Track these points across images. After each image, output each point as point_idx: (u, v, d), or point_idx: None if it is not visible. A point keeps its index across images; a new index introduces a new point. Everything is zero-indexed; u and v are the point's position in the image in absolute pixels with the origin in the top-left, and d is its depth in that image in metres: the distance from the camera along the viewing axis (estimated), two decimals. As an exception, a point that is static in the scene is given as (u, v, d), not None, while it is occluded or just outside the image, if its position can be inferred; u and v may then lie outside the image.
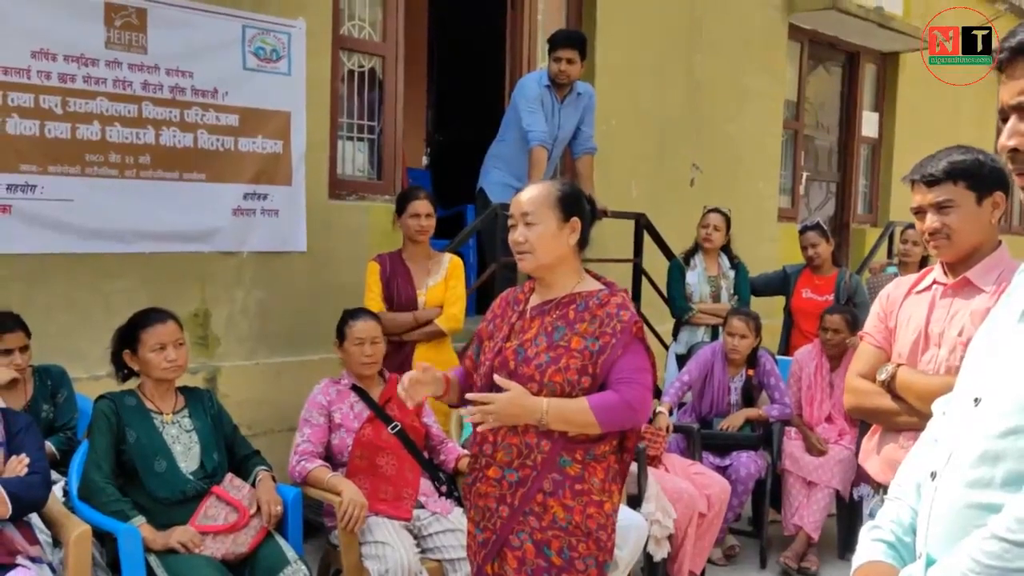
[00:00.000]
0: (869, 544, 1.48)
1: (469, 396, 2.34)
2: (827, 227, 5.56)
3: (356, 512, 3.07)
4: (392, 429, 3.39)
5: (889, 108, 9.09)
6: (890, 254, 7.29)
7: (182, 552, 2.85)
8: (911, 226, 5.90)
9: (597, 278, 2.47)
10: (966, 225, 2.20)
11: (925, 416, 2.12)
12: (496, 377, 2.33)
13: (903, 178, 2.29)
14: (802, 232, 5.49)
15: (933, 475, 1.37)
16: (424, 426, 3.56)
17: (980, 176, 2.19)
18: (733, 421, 4.52)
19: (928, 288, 2.29)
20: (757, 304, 5.24)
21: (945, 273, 2.27)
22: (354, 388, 3.47)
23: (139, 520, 2.86)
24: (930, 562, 1.31)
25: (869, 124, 8.98)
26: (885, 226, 7.69)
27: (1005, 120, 1.36)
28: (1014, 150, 1.35)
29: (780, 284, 5.52)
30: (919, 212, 2.25)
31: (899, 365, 2.25)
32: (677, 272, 5.23)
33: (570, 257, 2.41)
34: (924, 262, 5.94)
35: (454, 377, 2.56)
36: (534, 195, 2.39)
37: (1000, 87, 1.35)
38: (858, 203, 9.04)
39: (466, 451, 3.48)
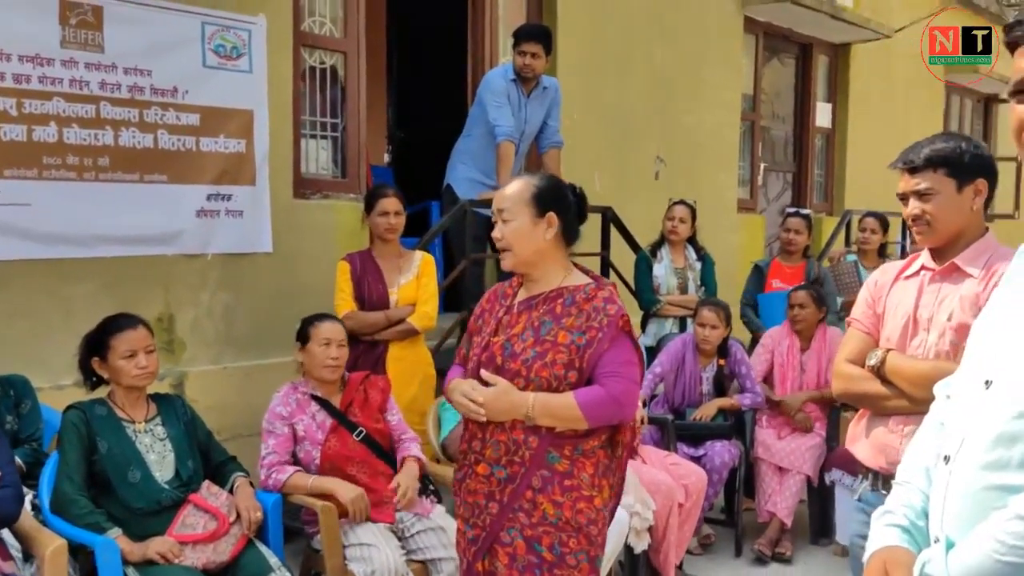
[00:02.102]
0: (883, 529, 1.49)
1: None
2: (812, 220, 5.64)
3: (363, 505, 3.11)
4: (357, 436, 3.33)
5: (841, 98, 9.23)
6: (848, 242, 7.40)
7: (161, 563, 2.78)
8: (869, 214, 6.02)
9: (585, 272, 2.45)
10: (946, 212, 2.23)
11: (915, 400, 2.16)
12: (483, 372, 2.33)
13: (890, 164, 2.31)
14: (789, 216, 5.54)
15: (947, 459, 1.37)
16: (387, 424, 3.48)
17: (960, 164, 2.22)
18: (706, 411, 4.55)
19: (916, 274, 2.31)
20: (721, 293, 5.28)
21: (933, 259, 2.29)
22: (314, 397, 3.37)
23: (116, 532, 2.78)
24: (950, 545, 1.31)
25: (823, 114, 9.11)
26: (842, 215, 7.81)
27: (1017, 93, 1.37)
28: None
29: (761, 281, 5.54)
30: (903, 198, 2.28)
31: (888, 350, 2.27)
32: (644, 264, 5.25)
33: (552, 251, 2.39)
34: (883, 249, 6.05)
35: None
36: (510, 191, 2.40)
37: (1017, 60, 1.36)
38: (813, 193, 9.16)
39: (416, 454, 3.42)
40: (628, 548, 3.75)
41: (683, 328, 5.12)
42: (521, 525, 2.31)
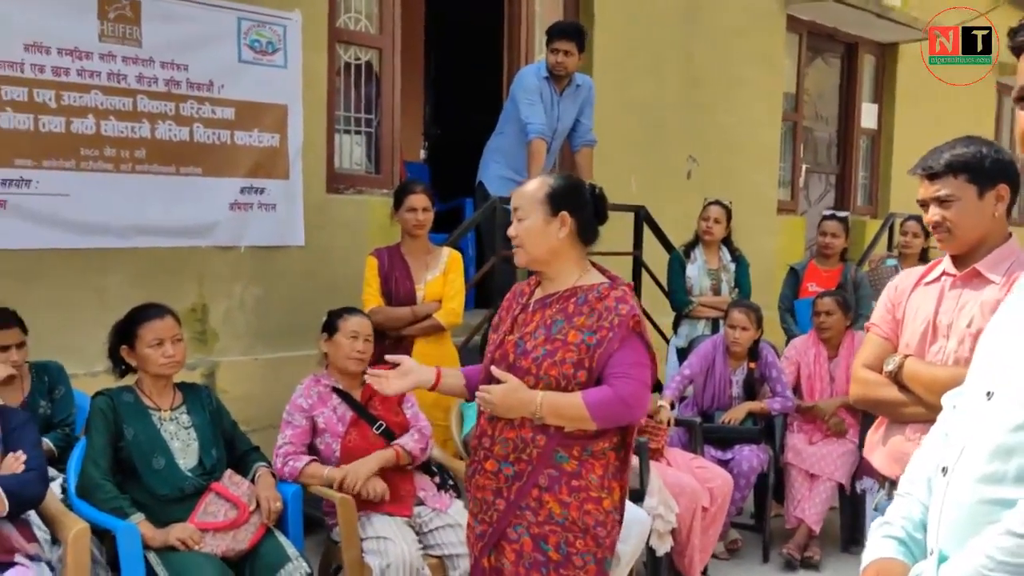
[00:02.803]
0: (879, 540, 1.46)
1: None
2: (850, 224, 5.54)
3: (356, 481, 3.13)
4: (377, 429, 3.34)
5: (888, 99, 9.05)
6: (890, 246, 7.26)
7: (182, 549, 2.82)
8: (911, 218, 5.88)
9: (603, 272, 2.45)
10: (967, 219, 2.18)
11: (932, 407, 2.10)
12: (493, 369, 2.35)
13: (910, 170, 2.26)
14: (825, 219, 5.45)
15: (944, 470, 1.35)
16: (406, 417, 3.47)
17: (981, 169, 2.17)
18: (735, 414, 4.49)
19: (937, 279, 2.27)
20: (758, 296, 5.22)
21: (954, 265, 2.25)
22: (336, 390, 3.39)
23: (138, 517, 2.83)
24: (942, 559, 1.29)
25: (868, 115, 8.95)
26: (885, 218, 7.66)
27: (1021, 99, 1.34)
28: None
29: (796, 284, 5.46)
30: (924, 204, 2.23)
31: (906, 356, 2.23)
32: (677, 265, 5.20)
33: (567, 250, 2.39)
34: (924, 254, 5.91)
35: (456, 371, 2.57)
36: (526, 189, 2.42)
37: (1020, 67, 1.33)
38: (858, 195, 9.01)
39: (402, 443, 3.35)
40: (650, 550, 3.73)
41: (715, 330, 5.06)
42: (528, 523, 2.32)
